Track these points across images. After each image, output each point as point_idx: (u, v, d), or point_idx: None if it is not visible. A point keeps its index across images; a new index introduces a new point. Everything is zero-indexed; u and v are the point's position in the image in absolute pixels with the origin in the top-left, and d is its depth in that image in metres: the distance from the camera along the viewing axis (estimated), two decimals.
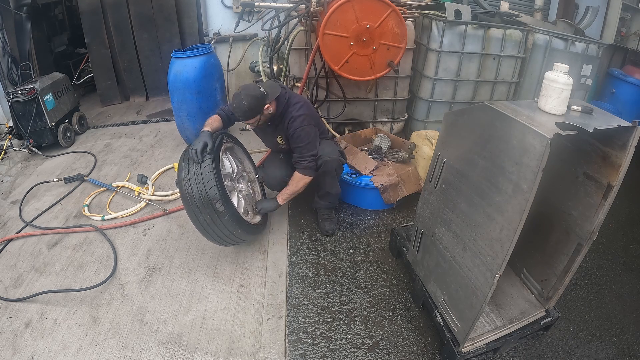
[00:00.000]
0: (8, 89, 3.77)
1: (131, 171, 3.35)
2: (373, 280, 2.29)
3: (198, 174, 2.02)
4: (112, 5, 4.54)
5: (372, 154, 3.06)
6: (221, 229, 2.07)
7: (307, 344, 1.92)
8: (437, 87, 3.45)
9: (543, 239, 1.84)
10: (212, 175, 2.01)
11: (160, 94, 4.99)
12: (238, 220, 2.11)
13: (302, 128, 2.27)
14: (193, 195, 2.00)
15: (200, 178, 2.01)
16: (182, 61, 3.30)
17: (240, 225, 2.13)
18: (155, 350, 1.86)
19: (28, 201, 3.00)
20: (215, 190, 2.00)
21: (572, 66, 1.57)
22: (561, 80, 1.34)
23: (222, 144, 2.30)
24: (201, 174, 2.01)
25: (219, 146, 2.22)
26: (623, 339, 1.98)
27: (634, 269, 2.42)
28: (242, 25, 4.29)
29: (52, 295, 2.16)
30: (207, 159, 2.06)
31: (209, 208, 2.00)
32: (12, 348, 1.88)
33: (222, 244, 2.24)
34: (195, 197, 2.00)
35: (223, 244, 2.24)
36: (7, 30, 4.10)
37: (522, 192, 1.29)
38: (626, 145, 1.39)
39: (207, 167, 2.03)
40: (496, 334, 1.76)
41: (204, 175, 2.01)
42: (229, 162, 2.48)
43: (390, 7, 2.71)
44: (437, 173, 1.78)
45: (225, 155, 2.44)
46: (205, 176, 2.01)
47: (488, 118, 1.45)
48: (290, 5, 3.31)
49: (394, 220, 2.77)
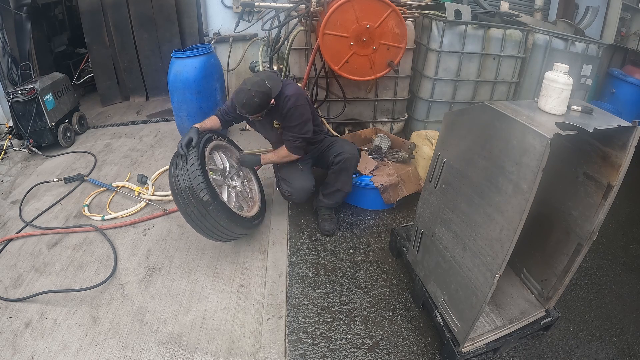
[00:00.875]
0: (8, 89, 3.77)
1: (131, 171, 3.35)
2: (373, 280, 2.29)
3: (183, 166, 2.10)
4: (112, 5, 4.54)
5: (372, 154, 3.06)
6: (209, 220, 2.10)
7: (307, 344, 1.92)
8: (437, 87, 3.45)
9: (543, 239, 1.84)
10: (196, 167, 2.09)
11: (160, 94, 4.99)
12: (225, 210, 2.14)
13: (296, 107, 2.30)
14: (180, 187, 2.08)
15: (185, 170, 2.09)
16: (182, 61, 3.31)
17: (229, 217, 2.16)
18: (155, 350, 1.86)
19: (28, 201, 3.00)
20: (200, 180, 2.05)
21: (572, 66, 1.57)
22: (561, 80, 1.34)
23: (210, 140, 2.37)
24: (186, 166, 2.10)
25: (206, 141, 2.30)
26: (623, 339, 1.98)
27: (634, 269, 2.42)
28: (242, 25, 4.29)
29: (52, 295, 2.16)
30: (192, 152, 2.14)
31: (195, 199, 2.05)
32: (12, 348, 1.88)
33: (215, 239, 2.26)
34: (182, 188, 2.07)
35: (217, 239, 2.26)
36: (7, 30, 4.11)
37: (522, 192, 1.29)
38: (626, 145, 1.39)
39: (192, 160, 2.11)
40: (496, 334, 1.76)
41: (188, 167, 2.09)
42: (220, 159, 2.53)
43: (390, 7, 2.71)
44: (437, 173, 1.78)
45: (216, 152, 2.50)
46: (189, 167, 2.09)
47: (488, 118, 1.45)
48: (290, 5, 3.31)
49: (394, 220, 2.77)
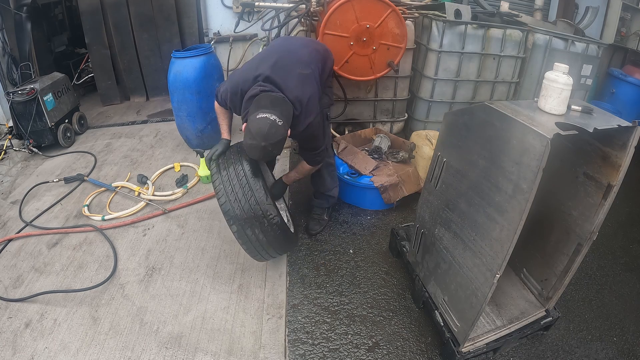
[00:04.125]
0: (8, 89, 3.76)
1: (131, 171, 3.35)
2: (373, 280, 2.29)
3: (243, 182, 1.82)
4: (112, 5, 4.54)
5: (372, 154, 3.06)
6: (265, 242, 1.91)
7: (307, 344, 1.92)
8: (437, 87, 3.45)
9: (543, 239, 1.84)
10: (260, 182, 1.85)
11: (160, 94, 4.99)
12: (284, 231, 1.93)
13: (312, 127, 2.05)
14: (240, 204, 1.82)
15: (246, 182, 1.82)
16: (182, 61, 3.30)
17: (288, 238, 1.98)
18: (155, 350, 1.86)
19: (28, 201, 2.99)
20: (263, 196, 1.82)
21: (572, 66, 1.57)
22: (561, 80, 1.34)
23: None
24: (246, 180, 1.82)
25: None
26: (623, 339, 1.98)
27: (634, 269, 2.42)
28: (242, 25, 4.29)
29: (52, 296, 2.15)
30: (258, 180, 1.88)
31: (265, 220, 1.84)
32: (12, 348, 1.88)
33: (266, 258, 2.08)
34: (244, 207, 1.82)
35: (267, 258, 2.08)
36: (7, 30, 4.10)
37: (522, 192, 1.30)
38: (626, 145, 1.39)
39: (251, 172, 1.85)
40: (496, 334, 1.76)
41: (250, 181, 1.82)
42: None
43: (390, 7, 2.71)
44: (437, 173, 1.78)
45: None
46: (256, 192, 1.82)
47: (488, 118, 1.45)
48: (290, 5, 3.31)
49: (394, 220, 2.77)
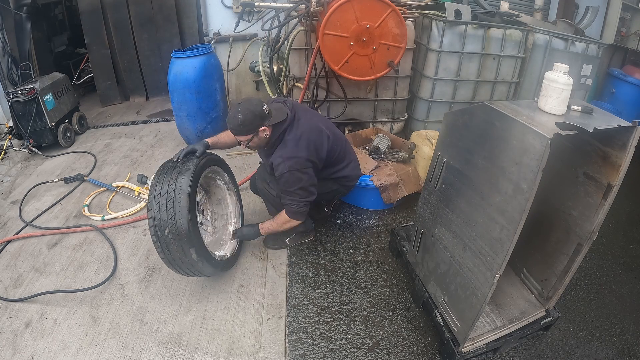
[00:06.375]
0: (8, 89, 3.77)
1: (131, 171, 3.35)
2: (373, 280, 2.29)
3: (171, 197, 1.77)
4: (112, 5, 4.54)
5: (372, 154, 3.06)
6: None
7: (307, 344, 1.92)
8: (437, 87, 3.45)
9: (543, 239, 1.84)
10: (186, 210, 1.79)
11: (160, 94, 4.99)
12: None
13: (291, 173, 1.99)
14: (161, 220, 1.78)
15: (172, 204, 1.76)
16: (182, 61, 3.30)
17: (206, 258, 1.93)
18: (155, 350, 1.86)
19: (28, 201, 2.99)
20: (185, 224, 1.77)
21: (572, 66, 1.57)
22: (561, 80, 1.34)
23: (206, 166, 2.07)
24: (173, 199, 1.76)
25: (202, 166, 2.01)
26: (623, 339, 1.98)
27: (634, 269, 2.42)
28: (242, 25, 4.29)
29: (52, 296, 2.15)
30: (185, 174, 1.86)
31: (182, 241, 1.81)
32: (12, 348, 1.88)
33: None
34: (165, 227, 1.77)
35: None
36: (7, 30, 4.10)
37: (522, 192, 1.30)
38: (626, 145, 1.39)
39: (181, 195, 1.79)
40: (496, 334, 1.76)
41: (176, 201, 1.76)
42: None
43: (390, 7, 2.71)
44: (437, 173, 1.78)
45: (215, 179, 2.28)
46: (177, 189, 1.78)
47: (488, 118, 1.45)
48: (290, 5, 3.31)
49: (394, 220, 2.77)
